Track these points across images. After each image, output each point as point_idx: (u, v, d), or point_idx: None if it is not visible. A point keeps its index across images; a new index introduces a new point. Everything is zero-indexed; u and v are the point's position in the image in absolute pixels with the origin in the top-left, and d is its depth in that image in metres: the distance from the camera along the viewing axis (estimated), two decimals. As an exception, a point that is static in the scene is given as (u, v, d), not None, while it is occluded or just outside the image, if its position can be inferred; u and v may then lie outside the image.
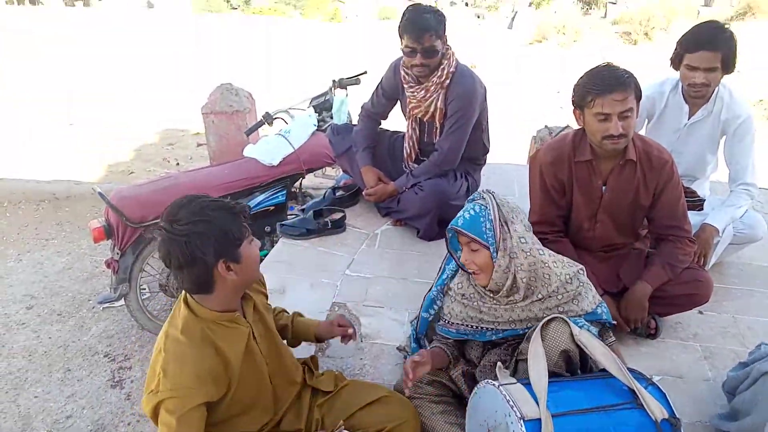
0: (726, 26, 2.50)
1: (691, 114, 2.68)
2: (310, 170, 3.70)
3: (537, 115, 8.20)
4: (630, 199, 2.27)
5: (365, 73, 3.97)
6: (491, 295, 1.88)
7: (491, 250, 1.79)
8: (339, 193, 3.41)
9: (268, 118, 3.86)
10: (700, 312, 2.53)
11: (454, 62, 2.89)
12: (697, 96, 2.59)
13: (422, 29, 2.73)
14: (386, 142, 3.32)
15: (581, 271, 1.90)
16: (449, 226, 1.87)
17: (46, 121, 7.73)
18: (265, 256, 2.96)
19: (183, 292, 1.62)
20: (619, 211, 2.30)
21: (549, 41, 13.70)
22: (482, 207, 1.82)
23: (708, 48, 2.44)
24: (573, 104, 2.19)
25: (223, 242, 1.51)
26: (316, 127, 3.78)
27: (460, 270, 1.98)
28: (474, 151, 3.10)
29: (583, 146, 2.24)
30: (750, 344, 2.29)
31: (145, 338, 3.52)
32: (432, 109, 2.94)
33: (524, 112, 8.43)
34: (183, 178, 3.41)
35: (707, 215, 2.65)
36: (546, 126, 4.60)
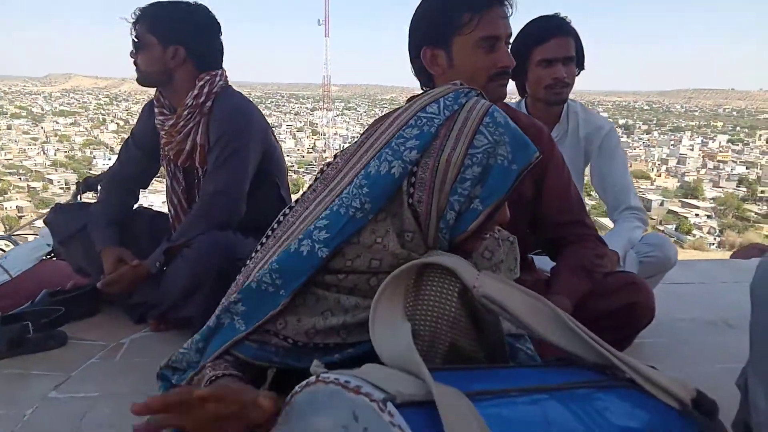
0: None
1: None
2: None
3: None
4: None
5: None
6: None
7: None
8: (61, 292, 2.34)
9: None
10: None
11: (221, 82, 2.11)
12: (557, 100, 2.12)
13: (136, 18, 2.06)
14: (147, 222, 2.40)
15: None
16: None
17: None
18: None
19: None
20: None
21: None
22: None
23: (561, 33, 2.07)
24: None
25: None
26: (50, 248, 2.84)
27: None
28: (269, 212, 1.88)
29: None
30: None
31: None
32: (188, 146, 2.10)
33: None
34: None
35: None
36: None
